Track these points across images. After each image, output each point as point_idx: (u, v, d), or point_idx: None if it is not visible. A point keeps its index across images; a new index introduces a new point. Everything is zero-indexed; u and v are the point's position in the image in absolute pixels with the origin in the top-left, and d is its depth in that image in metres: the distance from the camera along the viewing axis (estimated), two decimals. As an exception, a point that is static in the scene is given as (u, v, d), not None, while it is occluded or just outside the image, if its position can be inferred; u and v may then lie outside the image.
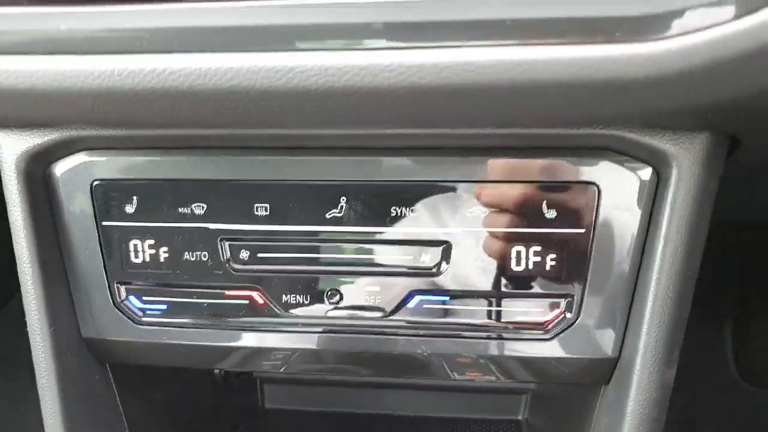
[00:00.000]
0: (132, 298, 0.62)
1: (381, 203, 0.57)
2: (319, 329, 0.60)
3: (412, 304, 0.59)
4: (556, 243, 0.56)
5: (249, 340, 0.61)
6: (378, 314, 0.59)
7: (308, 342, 0.61)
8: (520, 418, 0.93)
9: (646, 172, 0.54)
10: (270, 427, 0.93)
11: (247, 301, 0.61)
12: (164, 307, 0.62)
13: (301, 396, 0.99)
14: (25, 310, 0.62)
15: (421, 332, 0.59)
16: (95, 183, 0.60)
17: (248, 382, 0.96)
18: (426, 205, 0.57)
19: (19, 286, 0.61)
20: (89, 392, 0.66)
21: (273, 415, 0.94)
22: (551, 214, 0.56)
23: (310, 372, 0.64)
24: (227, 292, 0.61)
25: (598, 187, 0.55)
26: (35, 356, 0.62)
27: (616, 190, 0.54)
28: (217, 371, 0.87)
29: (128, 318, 0.63)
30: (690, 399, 1.45)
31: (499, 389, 0.92)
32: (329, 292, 0.60)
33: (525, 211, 0.56)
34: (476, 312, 0.58)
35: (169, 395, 0.78)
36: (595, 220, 0.55)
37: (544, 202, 0.56)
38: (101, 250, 0.61)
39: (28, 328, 0.62)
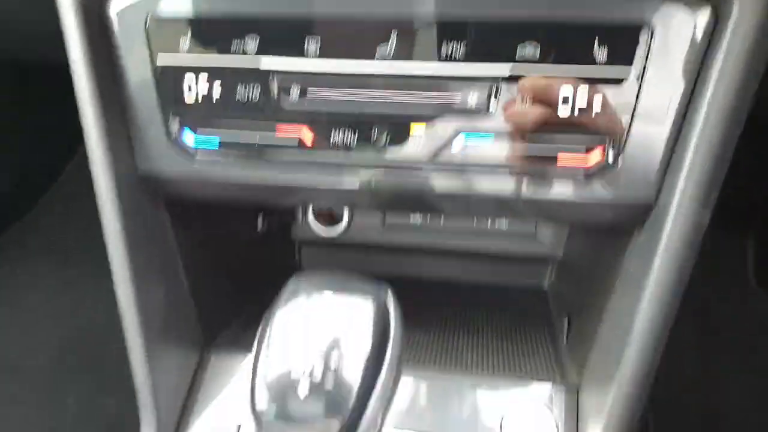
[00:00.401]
0: (186, 133, 0.65)
1: (431, 39, 0.57)
2: (366, 167, 0.63)
3: (458, 143, 0.61)
4: (605, 86, 0.57)
5: (297, 176, 0.64)
6: (425, 153, 0.61)
7: (356, 179, 0.63)
8: (545, 286, 0.97)
9: (704, 13, 0.54)
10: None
11: (296, 138, 0.63)
12: (216, 142, 0.65)
13: (334, 259, 1.04)
14: (87, 148, 0.65)
15: (466, 171, 0.61)
16: (150, 20, 0.62)
17: (287, 245, 1.01)
18: (477, 44, 0.58)
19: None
20: (147, 229, 0.70)
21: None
22: (602, 56, 0.56)
23: (357, 207, 0.67)
24: (277, 129, 0.63)
25: (651, 28, 0.55)
26: (98, 192, 0.66)
27: (671, 31, 0.54)
28: (260, 228, 0.92)
29: (182, 153, 0.65)
30: (707, 303, 1.50)
31: (526, 257, 0.95)
32: (377, 130, 0.62)
33: (576, 52, 0.56)
34: (521, 152, 0.60)
35: (218, 241, 0.83)
36: (646, 64, 0.56)
37: (596, 43, 0.56)
38: (156, 87, 0.63)
39: (90, 166, 0.65)
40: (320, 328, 0.44)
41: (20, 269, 1.76)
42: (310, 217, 0.97)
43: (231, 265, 0.86)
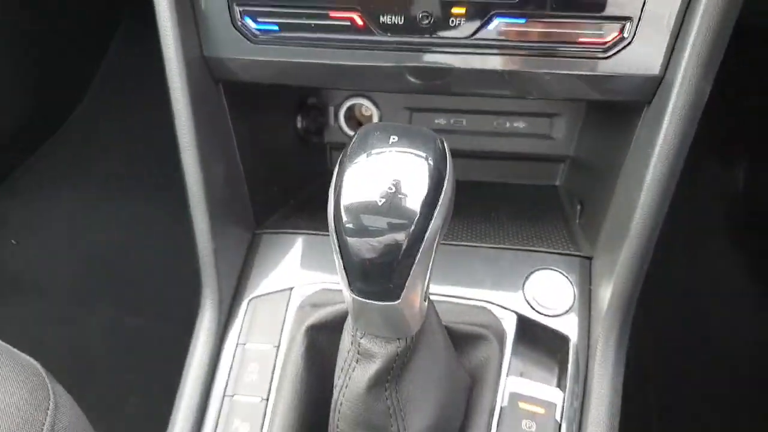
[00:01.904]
0: (248, 19, 0.73)
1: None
2: (412, 46, 0.71)
3: (492, 24, 0.69)
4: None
5: (349, 57, 0.72)
6: (464, 33, 0.69)
7: (402, 59, 0.72)
8: (557, 183, 1.07)
9: None
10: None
11: (348, 22, 0.71)
12: (276, 27, 0.72)
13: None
14: (160, 34, 0.73)
15: (500, 50, 0.69)
16: None
17: (321, 147, 1.09)
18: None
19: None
20: (209, 110, 0.79)
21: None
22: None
23: (399, 88, 0.75)
24: (331, 12, 0.71)
25: None
26: (169, 74, 0.74)
27: None
28: (299, 126, 1.00)
29: (245, 37, 0.73)
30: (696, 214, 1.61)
31: (539, 157, 1.04)
32: (421, 14, 0.69)
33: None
34: (548, 32, 0.68)
35: (266, 132, 0.91)
36: None
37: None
38: None
39: (162, 48, 0.73)
40: (388, 164, 0.52)
41: (40, 194, 1.83)
42: (341, 120, 1.05)
43: (276, 157, 0.95)
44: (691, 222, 1.65)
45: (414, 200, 0.51)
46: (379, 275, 0.52)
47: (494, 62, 0.70)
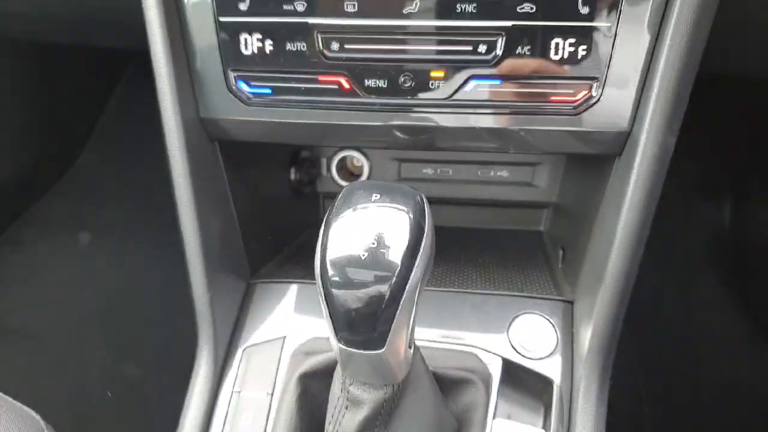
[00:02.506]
0: (242, 83, 0.78)
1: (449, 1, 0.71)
2: (396, 107, 0.76)
3: (469, 86, 0.74)
4: (588, 35, 0.70)
5: (338, 117, 0.77)
6: (443, 94, 0.75)
7: (387, 118, 0.77)
8: (541, 228, 1.10)
9: None
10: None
11: (336, 86, 0.76)
12: (269, 90, 0.78)
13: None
14: (159, 97, 0.78)
15: (478, 108, 0.75)
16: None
17: (313, 197, 1.14)
18: (484, 4, 0.71)
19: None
20: (205, 167, 0.83)
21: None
22: (585, 10, 0.70)
23: (385, 144, 0.80)
24: (320, 77, 0.76)
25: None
26: (167, 134, 0.79)
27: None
28: (292, 178, 1.05)
29: (239, 100, 0.78)
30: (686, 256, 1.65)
31: (525, 203, 1.08)
32: (403, 77, 0.75)
33: (563, 9, 0.70)
34: (522, 92, 0.73)
35: (260, 186, 0.96)
36: (619, 15, 0.69)
37: (579, 2, 0.69)
38: (218, 42, 0.76)
39: (160, 109, 0.78)
40: (371, 219, 0.55)
41: (39, 245, 1.86)
42: (333, 171, 1.10)
43: (270, 208, 0.99)
44: (682, 262, 1.69)
45: (395, 253, 0.54)
46: (364, 325, 0.55)
47: (473, 120, 0.76)
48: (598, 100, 0.72)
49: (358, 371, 0.62)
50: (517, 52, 0.72)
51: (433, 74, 0.75)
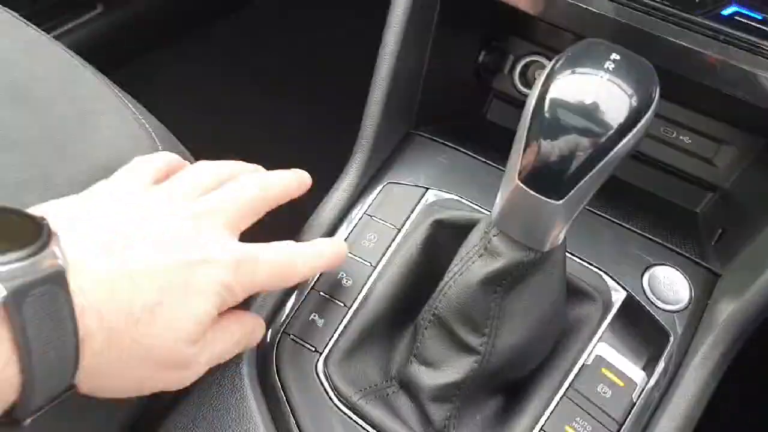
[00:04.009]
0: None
1: None
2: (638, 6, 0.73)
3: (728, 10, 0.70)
4: None
5: None
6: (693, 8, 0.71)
7: (619, 13, 0.74)
8: (697, 210, 1.04)
9: None
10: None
11: None
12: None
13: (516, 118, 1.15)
14: None
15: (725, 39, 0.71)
16: None
17: (485, 90, 1.13)
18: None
19: None
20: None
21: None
22: None
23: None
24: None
25: None
26: None
27: None
28: (480, 59, 1.04)
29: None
30: None
31: (693, 178, 1.02)
32: None
33: None
34: None
35: (451, 48, 0.96)
36: None
37: None
38: None
39: None
40: (604, 78, 0.53)
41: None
42: (516, 72, 1.08)
43: (452, 75, 1.00)
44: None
45: (616, 116, 0.53)
46: (558, 167, 0.55)
47: (712, 47, 0.71)
48: None
49: (514, 221, 0.62)
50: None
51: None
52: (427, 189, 0.86)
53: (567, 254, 0.80)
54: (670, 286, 0.80)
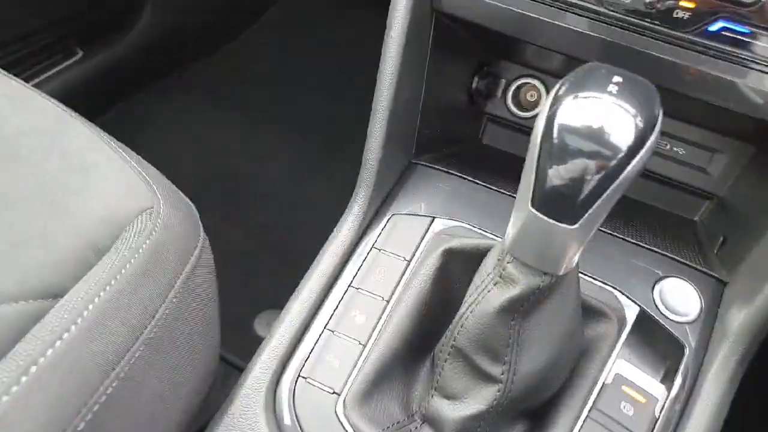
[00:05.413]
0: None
1: None
2: (625, 25, 0.75)
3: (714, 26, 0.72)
4: None
5: (560, 18, 0.78)
6: (681, 26, 0.73)
7: (611, 34, 0.76)
8: (695, 218, 1.06)
9: None
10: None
11: None
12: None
13: (512, 142, 1.17)
14: None
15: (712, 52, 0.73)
16: None
17: (478, 115, 1.15)
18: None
19: None
20: (417, 33, 0.85)
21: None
22: None
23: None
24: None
25: None
26: None
27: None
28: (474, 85, 1.06)
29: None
30: None
31: (688, 187, 1.04)
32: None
33: None
34: None
35: (446, 74, 0.98)
36: None
37: None
38: None
39: None
40: (608, 102, 0.53)
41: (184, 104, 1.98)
42: (509, 94, 1.10)
43: (447, 103, 1.01)
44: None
45: (624, 138, 0.53)
46: (570, 192, 0.55)
47: (701, 62, 0.73)
48: None
49: (528, 247, 0.62)
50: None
51: (682, 3, 0.72)
52: (434, 218, 0.86)
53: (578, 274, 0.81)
54: (680, 298, 0.81)
